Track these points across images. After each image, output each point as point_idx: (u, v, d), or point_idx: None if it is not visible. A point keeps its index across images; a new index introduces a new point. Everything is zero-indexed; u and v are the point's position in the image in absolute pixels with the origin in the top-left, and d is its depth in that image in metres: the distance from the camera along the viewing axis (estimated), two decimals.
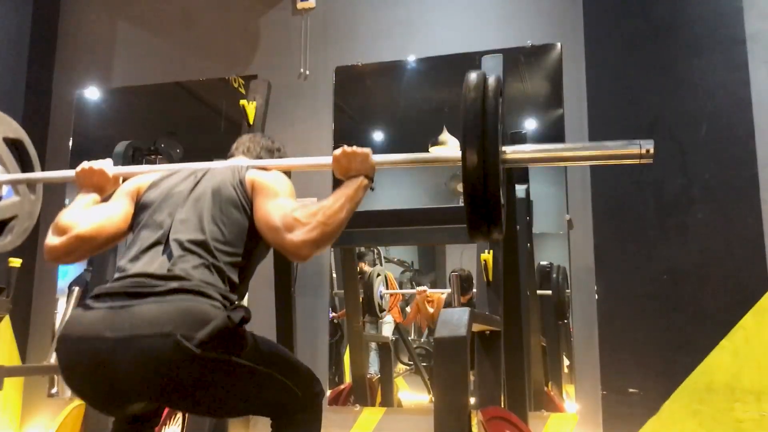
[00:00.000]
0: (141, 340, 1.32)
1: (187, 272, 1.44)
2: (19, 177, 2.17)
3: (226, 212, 1.56)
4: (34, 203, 2.29)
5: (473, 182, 1.48)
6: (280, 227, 1.48)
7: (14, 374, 3.34)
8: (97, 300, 1.43)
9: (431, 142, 3.69)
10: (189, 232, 1.52)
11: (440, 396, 1.61)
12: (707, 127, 2.75)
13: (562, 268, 3.17)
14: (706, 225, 2.68)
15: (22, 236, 2.25)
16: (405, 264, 4.31)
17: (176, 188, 1.64)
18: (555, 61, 3.26)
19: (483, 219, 1.51)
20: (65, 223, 1.62)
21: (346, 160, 1.66)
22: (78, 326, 1.40)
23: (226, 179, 1.61)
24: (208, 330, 1.34)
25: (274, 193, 1.56)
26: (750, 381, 2.49)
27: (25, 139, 2.26)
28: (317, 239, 1.47)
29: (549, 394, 3.17)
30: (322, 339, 3.34)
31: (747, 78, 2.74)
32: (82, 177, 1.80)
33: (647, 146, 1.51)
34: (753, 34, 2.78)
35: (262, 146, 1.88)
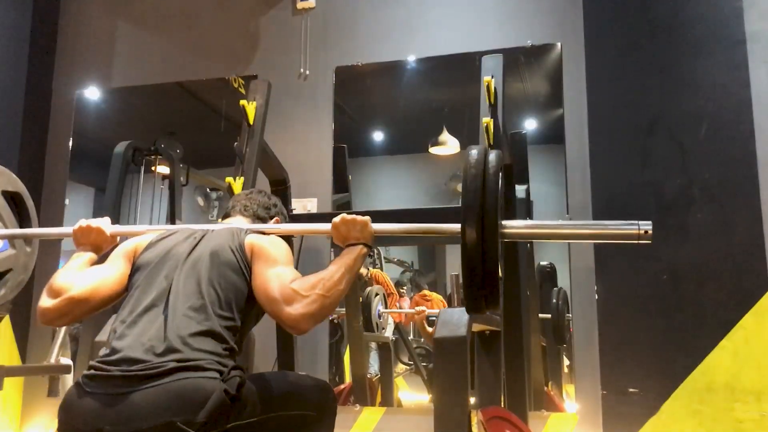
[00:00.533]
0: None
1: (183, 340, 1.42)
2: (17, 232, 2.18)
3: (225, 276, 1.55)
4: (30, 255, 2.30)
5: (471, 259, 1.48)
6: (279, 299, 1.47)
7: (14, 374, 3.34)
8: (91, 383, 1.41)
9: (431, 143, 3.69)
10: (186, 296, 1.51)
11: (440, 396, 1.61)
12: (707, 127, 2.75)
13: (563, 292, 3.14)
14: (706, 225, 2.68)
15: (15, 290, 2.26)
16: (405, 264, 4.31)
17: (174, 250, 1.63)
18: (555, 61, 3.26)
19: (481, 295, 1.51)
20: (59, 285, 1.61)
21: (345, 227, 1.68)
22: (76, 417, 1.39)
23: (225, 243, 1.61)
24: (207, 410, 1.33)
25: (273, 261, 1.56)
26: (750, 381, 2.49)
27: (23, 192, 2.27)
28: (316, 313, 1.47)
29: (549, 394, 3.17)
30: (322, 339, 3.34)
31: (747, 78, 2.74)
32: (79, 235, 1.79)
33: (645, 227, 1.54)
34: (753, 34, 2.78)
35: (260, 204, 1.90)
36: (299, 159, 3.44)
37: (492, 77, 2.35)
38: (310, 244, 3.35)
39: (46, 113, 3.91)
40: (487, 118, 2.35)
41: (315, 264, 3.38)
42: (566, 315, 3.11)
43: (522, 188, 2.99)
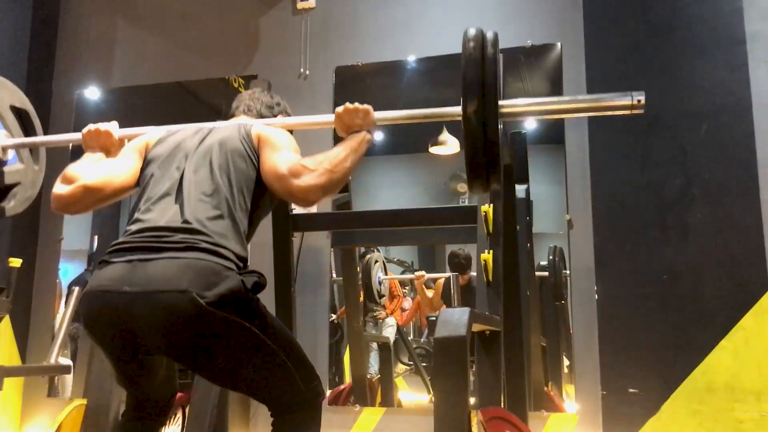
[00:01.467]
0: (158, 295, 1.37)
1: (202, 223, 1.47)
2: (25, 141, 2.20)
3: (234, 163, 1.59)
4: (38, 173, 2.32)
5: (473, 132, 1.54)
6: (287, 174, 1.52)
7: (14, 374, 3.34)
8: (115, 255, 1.46)
9: (431, 142, 3.70)
10: (200, 183, 1.56)
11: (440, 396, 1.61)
12: (707, 127, 2.75)
13: (559, 249, 3.18)
14: (706, 225, 2.68)
15: (24, 204, 2.28)
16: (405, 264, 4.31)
17: (183, 143, 1.67)
18: (555, 61, 3.26)
19: (483, 168, 1.57)
20: (73, 173, 1.65)
21: (348, 116, 1.72)
22: (99, 281, 1.44)
23: (233, 134, 1.65)
24: (221, 290, 1.38)
25: (280, 147, 1.60)
26: (750, 381, 2.49)
27: (29, 108, 2.28)
28: (324, 185, 1.51)
29: (549, 394, 3.17)
30: (322, 339, 3.34)
31: (747, 78, 2.74)
32: (88, 138, 1.83)
33: (638, 97, 1.58)
34: (753, 34, 2.78)
35: (263, 103, 1.92)
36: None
37: None
38: (310, 244, 3.35)
39: (46, 113, 3.91)
40: None
41: (315, 264, 3.38)
42: (563, 272, 3.13)
43: (522, 188, 2.99)
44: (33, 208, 3.75)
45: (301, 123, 1.92)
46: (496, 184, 1.64)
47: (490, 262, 2.11)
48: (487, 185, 1.64)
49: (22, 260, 3.06)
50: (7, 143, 2.15)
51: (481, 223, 2.20)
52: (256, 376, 1.52)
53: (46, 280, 3.75)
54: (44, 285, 3.74)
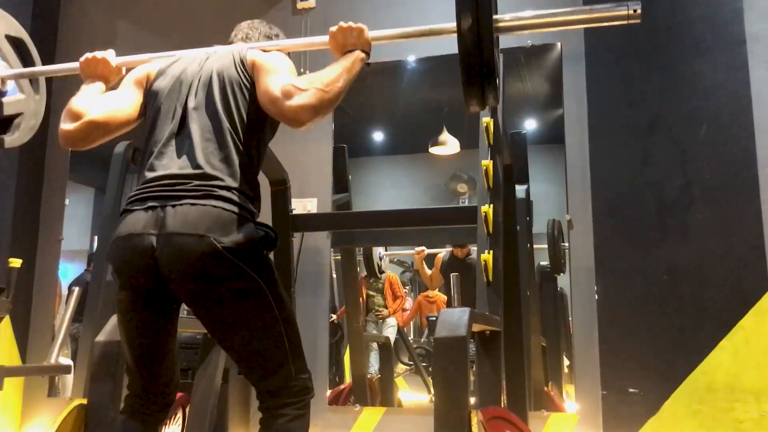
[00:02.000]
0: (180, 237, 1.44)
1: (213, 166, 1.52)
2: (23, 71, 2.20)
3: (233, 94, 1.61)
4: (39, 102, 2.32)
5: (468, 47, 1.55)
6: (279, 96, 1.52)
7: (14, 374, 3.34)
8: (136, 203, 1.52)
9: (431, 143, 3.70)
10: (204, 122, 1.58)
11: (440, 396, 1.61)
12: (707, 127, 2.75)
13: (557, 221, 3.17)
14: (706, 225, 2.68)
15: (28, 134, 2.28)
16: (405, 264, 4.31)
17: (183, 75, 1.67)
18: (555, 61, 3.26)
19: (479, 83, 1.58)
20: (78, 109, 1.67)
21: (342, 35, 1.75)
22: (125, 227, 1.51)
23: (230, 62, 1.65)
24: (237, 237, 1.46)
25: (275, 70, 1.60)
26: (750, 381, 2.49)
27: (26, 38, 2.28)
28: (316, 105, 1.51)
29: (549, 394, 3.17)
30: (322, 339, 3.34)
31: (747, 78, 2.74)
32: (86, 67, 1.84)
33: (634, 6, 1.58)
34: (753, 34, 2.78)
35: (261, 32, 1.93)
36: (299, 159, 3.44)
37: None
38: (310, 244, 3.35)
39: (46, 113, 3.90)
40: (487, 118, 2.36)
41: (315, 264, 3.38)
42: (562, 244, 3.13)
43: (522, 188, 2.99)
44: (33, 206, 3.78)
45: (294, 45, 1.91)
46: (492, 98, 1.63)
47: (490, 262, 2.11)
48: (484, 100, 1.64)
49: (22, 260, 3.06)
50: (6, 74, 2.15)
51: (481, 224, 2.19)
52: (253, 337, 1.53)
53: (46, 280, 3.75)
54: (44, 285, 3.74)
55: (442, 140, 3.67)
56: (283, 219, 2.93)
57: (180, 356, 2.94)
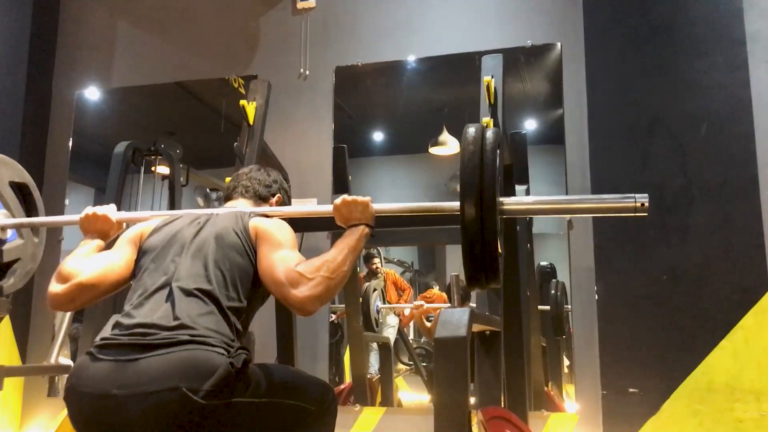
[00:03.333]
0: (149, 396, 1.34)
1: (192, 320, 1.45)
2: (24, 221, 2.20)
3: (230, 258, 1.57)
4: (38, 246, 2.32)
5: (471, 236, 1.51)
6: (285, 282, 1.49)
7: (14, 374, 3.34)
8: (102, 350, 1.44)
9: (431, 143, 3.69)
10: (193, 278, 1.53)
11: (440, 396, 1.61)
12: (707, 127, 2.75)
13: (561, 284, 3.15)
14: (706, 225, 2.68)
15: (24, 279, 2.28)
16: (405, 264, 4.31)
17: (179, 234, 1.65)
18: (555, 61, 3.26)
19: (481, 271, 1.54)
20: (68, 271, 1.65)
21: (346, 209, 1.71)
22: (86, 381, 1.41)
23: (230, 226, 1.63)
24: (213, 381, 1.36)
25: (278, 244, 1.58)
26: (750, 381, 2.49)
27: (30, 183, 2.29)
28: (321, 294, 1.49)
29: (549, 394, 3.17)
30: (322, 339, 3.34)
31: (747, 78, 2.74)
32: (86, 223, 1.82)
33: (642, 200, 1.58)
34: (753, 34, 2.78)
35: (260, 182, 1.91)
36: (299, 159, 3.44)
37: (492, 77, 2.35)
38: (311, 244, 3.35)
39: (46, 113, 3.91)
40: (487, 118, 2.35)
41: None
42: (565, 306, 3.12)
43: (522, 188, 2.99)
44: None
45: (299, 212, 1.93)
46: (494, 280, 1.59)
47: None
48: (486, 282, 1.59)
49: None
50: (7, 223, 2.14)
51: None
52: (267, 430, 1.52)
53: (46, 281, 3.73)
54: (44, 285, 3.73)
55: (442, 140, 3.66)
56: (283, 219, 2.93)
57: None
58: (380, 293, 3.79)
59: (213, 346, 1.41)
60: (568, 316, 3.08)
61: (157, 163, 3.70)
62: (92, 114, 4.00)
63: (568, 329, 3.08)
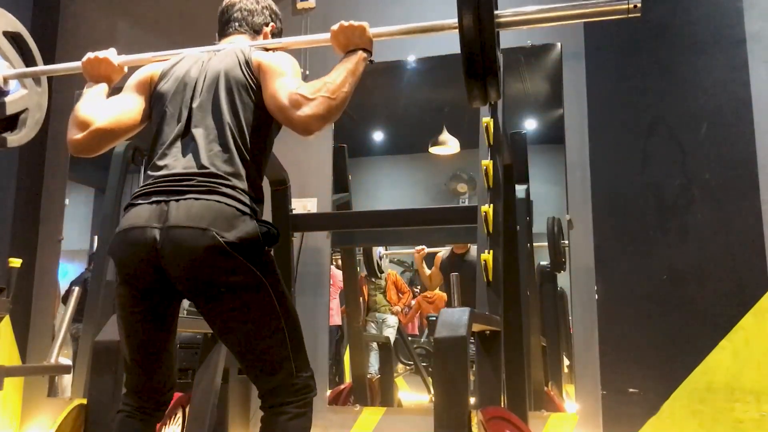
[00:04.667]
0: (183, 230, 1.46)
1: (217, 166, 1.54)
2: (25, 71, 2.20)
3: (239, 96, 1.62)
4: (42, 95, 2.32)
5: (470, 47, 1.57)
6: (288, 105, 1.54)
7: (14, 374, 3.34)
8: (140, 197, 1.55)
9: (431, 143, 3.70)
10: (208, 123, 1.60)
11: (440, 396, 1.61)
12: (707, 127, 2.75)
13: (557, 219, 3.16)
14: (706, 225, 2.68)
15: (35, 128, 2.29)
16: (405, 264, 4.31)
17: (187, 76, 1.69)
18: (555, 61, 3.26)
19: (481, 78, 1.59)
20: (84, 117, 1.67)
21: (343, 35, 1.77)
22: (128, 220, 1.53)
23: (233, 63, 1.67)
24: (239, 233, 1.47)
25: (280, 73, 1.61)
26: (750, 381, 2.49)
27: (24, 32, 2.27)
28: (324, 113, 1.54)
29: (549, 394, 3.17)
30: (322, 339, 3.34)
31: (747, 78, 2.74)
32: (88, 67, 1.84)
33: (635, 1, 1.61)
34: (753, 34, 2.78)
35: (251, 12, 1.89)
36: (299, 159, 3.44)
37: None
38: (311, 244, 3.35)
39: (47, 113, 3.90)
40: (487, 118, 2.36)
41: (315, 264, 3.38)
42: (561, 241, 3.13)
43: (522, 188, 3.00)
44: (33, 206, 3.78)
45: (296, 42, 1.92)
46: (494, 93, 1.64)
47: (490, 262, 2.11)
48: (486, 95, 1.65)
49: (22, 260, 3.06)
50: (8, 73, 2.13)
51: (481, 223, 2.19)
52: (254, 332, 1.53)
53: (46, 280, 3.75)
54: (44, 285, 3.74)
55: (442, 140, 3.67)
56: (283, 219, 2.93)
57: (180, 356, 2.95)
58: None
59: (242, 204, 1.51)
60: (565, 252, 3.07)
61: None
62: None
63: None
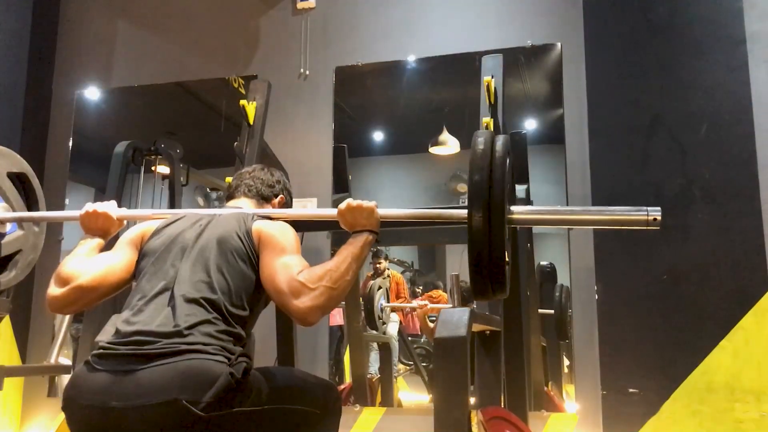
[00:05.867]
0: (148, 408, 1.31)
1: (192, 328, 1.43)
2: (24, 215, 2.19)
3: (233, 263, 1.55)
4: (38, 235, 2.31)
5: (478, 245, 1.47)
6: (287, 292, 1.47)
7: (14, 374, 3.34)
8: (101, 361, 1.41)
9: (431, 143, 3.69)
10: (195, 284, 1.51)
11: (440, 396, 1.61)
12: (707, 127, 2.75)
13: (566, 288, 3.13)
14: (706, 225, 2.68)
15: (26, 270, 2.27)
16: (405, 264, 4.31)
17: (180, 236, 1.62)
18: (555, 61, 3.26)
19: (487, 281, 1.50)
20: (67, 273, 1.62)
21: (351, 215, 1.68)
22: (84, 393, 1.38)
23: (233, 229, 1.61)
24: (213, 392, 1.33)
25: (281, 249, 1.56)
26: (750, 381, 2.49)
27: (29, 172, 2.27)
28: (324, 305, 1.47)
29: (549, 394, 3.17)
30: (322, 339, 3.34)
31: (747, 78, 2.74)
32: (86, 220, 1.79)
33: (654, 214, 1.51)
34: (753, 34, 2.78)
35: (263, 182, 1.88)
36: (299, 159, 3.44)
37: (492, 77, 2.35)
38: (311, 244, 3.35)
39: (46, 113, 3.91)
40: (487, 118, 2.36)
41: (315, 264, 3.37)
42: (568, 311, 3.11)
43: (522, 188, 2.99)
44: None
45: (303, 215, 1.92)
46: (500, 291, 1.54)
47: None
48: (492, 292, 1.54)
49: None
50: (6, 216, 2.12)
51: None
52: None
53: (46, 280, 3.73)
54: (44, 285, 3.73)
55: (442, 140, 3.66)
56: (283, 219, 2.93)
57: None
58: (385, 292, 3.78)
59: (212, 355, 1.38)
60: (571, 321, 3.07)
61: (157, 162, 3.70)
62: (92, 114, 4.00)
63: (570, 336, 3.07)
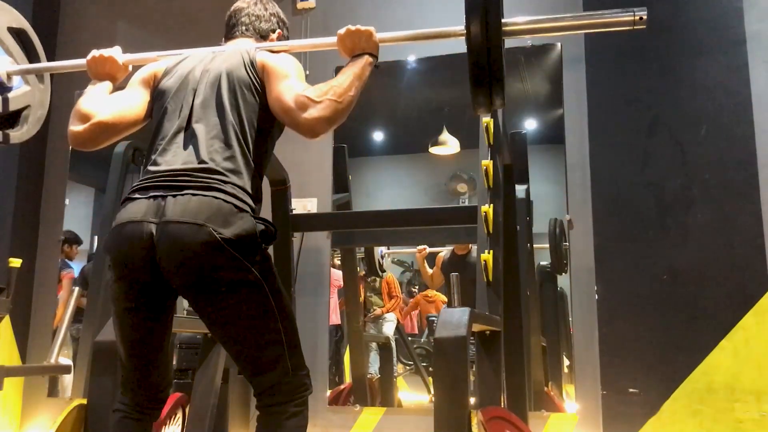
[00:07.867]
0: (179, 225, 1.44)
1: (216, 163, 1.53)
2: (29, 67, 2.19)
3: (242, 95, 1.61)
4: (44, 92, 2.32)
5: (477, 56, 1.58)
6: (294, 107, 1.53)
7: (14, 374, 3.34)
8: (138, 192, 1.53)
9: (431, 143, 3.70)
10: (210, 120, 1.59)
11: (440, 396, 1.61)
12: (707, 127, 2.75)
13: (560, 221, 3.16)
14: (706, 225, 2.68)
15: (36, 125, 2.29)
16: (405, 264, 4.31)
17: (191, 74, 1.68)
18: (555, 61, 3.26)
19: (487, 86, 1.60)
20: (86, 110, 1.66)
21: (350, 39, 1.74)
22: (125, 214, 1.51)
23: (238, 62, 1.66)
24: (236, 229, 1.45)
25: (285, 75, 1.60)
26: (750, 381, 2.49)
27: (28, 28, 2.26)
28: (330, 116, 1.54)
29: (549, 394, 3.17)
30: (322, 339, 3.34)
31: (747, 78, 2.74)
32: (93, 65, 1.83)
33: (641, 13, 1.57)
34: (753, 34, 2.78)
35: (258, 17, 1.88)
36: (299, 159, 3.44)
37: None
38: (311, 244, 3.35)
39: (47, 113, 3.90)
40: (487, 118, 2.36)
41: (315, 264, 3.38)
42: (563, 243, 3.12)
43: (522, 188, 3.00)
44: (33, 206, 3.78)
45: (302, 46, 1.92)
46: (499, 101, 1.65)
47: (490, 262, 2.11)
48: (491, 103, 1.65)
49: (21, 260, 3.06)
50: (12, 69, 2.13)
51: (481, 223, 2.20)
52: (249, 330, 1.51)
53: (46, 280, 3.75)
54: (44, 285, 3.74)
55: (442, 140, 3.67)
56: (283, 219, 2.93)
57: (180, 356, 2.95)
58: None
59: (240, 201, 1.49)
60: (566, 254, 3.06)
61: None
62: None
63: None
